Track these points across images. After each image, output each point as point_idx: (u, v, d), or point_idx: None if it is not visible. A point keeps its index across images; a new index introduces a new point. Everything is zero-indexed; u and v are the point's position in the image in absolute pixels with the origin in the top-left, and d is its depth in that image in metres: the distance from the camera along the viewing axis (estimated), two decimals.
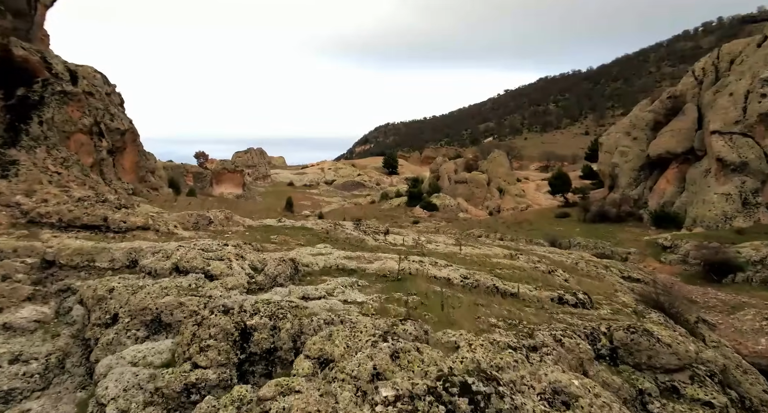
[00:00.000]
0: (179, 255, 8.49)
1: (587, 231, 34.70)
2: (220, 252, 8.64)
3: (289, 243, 12.48)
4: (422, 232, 39.53)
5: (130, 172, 39.43)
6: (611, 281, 16.66)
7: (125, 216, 11.37)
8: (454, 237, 20.71)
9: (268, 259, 8.93)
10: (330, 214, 66.36)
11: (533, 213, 43.78)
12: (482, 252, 16.62)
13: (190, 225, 13.52)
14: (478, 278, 10.41)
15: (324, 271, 10.02)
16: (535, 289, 10.43)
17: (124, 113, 29.37)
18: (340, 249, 12.60)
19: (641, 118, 36.77)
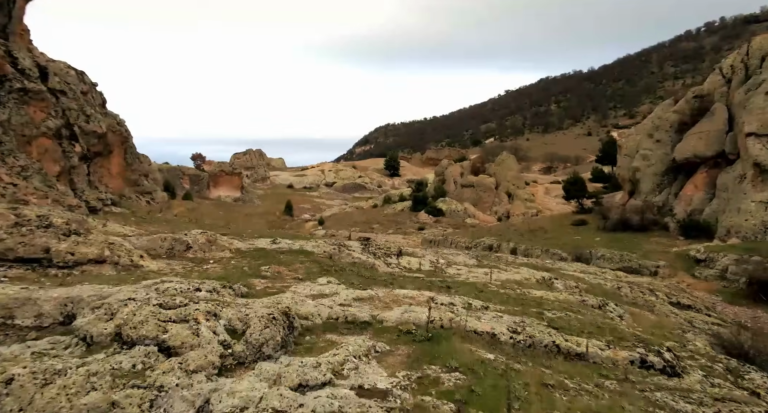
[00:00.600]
0: (125, 316, 5.99)
1: (609, 241, 32.17)
2: (184, 311, 6.13)
3: (283, 277, 9.98)
4: (435, 244, 36.86)
5: (118, 177, 36.90)
6: (664, 311, 14.14)
7: (74, 245, 8.87)
8: (474, 257, 18.19)
9: (252, 315, 6.44)
10: (331, 219, 63.85)
11: (547, 220, 41.26)
12: (513, 277, 14.13)
13: (163, 252, 11.02)
14: (531, 331, 7.89)
15: (328, 326, 7.50)
16: (606, 345, 7.91)
17: (105, 114, 26.84)
18: (348, 284, 10.08)
19: (665, 119, 34.32)
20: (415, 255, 15.36)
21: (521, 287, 12.58)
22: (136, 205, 29.35)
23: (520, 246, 34.71)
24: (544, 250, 33.09)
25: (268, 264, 10.95)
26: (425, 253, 15.90)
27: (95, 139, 21.54)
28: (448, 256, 16.50)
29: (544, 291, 12.20)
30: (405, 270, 13.31)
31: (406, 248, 15.95)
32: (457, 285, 11.67)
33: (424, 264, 14.29)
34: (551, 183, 68.02)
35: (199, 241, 11.37)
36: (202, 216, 59.68)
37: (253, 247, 12.63)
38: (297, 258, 11.97)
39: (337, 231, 50.98)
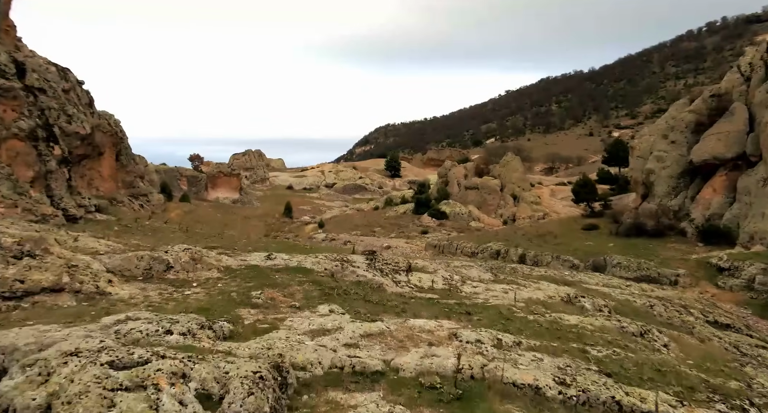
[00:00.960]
0: (62, 381, 4.49)
1: (623, 247, 30.65)
2: (142, 373, 4.61)
3: (278, 305, 8.46)
4: (440, 250, 35.12)
5: (109, 179, 35.41)
6: (705, 334, 12.61)
7: (25, 271, 7.37)
8: (488, 269, 16.67)
9: (233, 375, 4.93)
10: (331, 222, 62.31)
11: (555, 224, 39.74)
12: (536, 295, 12.62)
13: (139, 273, 9.50)
14: (583, 382, 6.36)
15: (331, 378, 5.98)
16: (677, 400, 6.39)
17: (93, 114, 25.31)
18: (353, 314, 8.55)
19: (680, 120, 32.82)
20: (426, 270, 13.84)
21: (549, 310, 11.06)
22: (125, 210, 27.83)
23: (529, 252, 33.19)
24: (555, 257, 31.58)
25: (260, 287, 9.43)
26: (437, 268, 14.37)
27: (78, 141, 20.04)
28: (461, 270, 14.97)
29: (576, 316, 10.67)
30: (416, 290, 11.79)
31: (415, 262, 14.42)
32: (478, 310, 10.15)
33: (436, 281, 12.77)
34: (557, 184, 66.53)
35: (181, 260, 9.84)
36: (199, 220, 58.15)
37: (245, 264, 11.11)
38: (294, 278, 10.45)
39: (337, 234, 49.45)
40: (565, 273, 18.60)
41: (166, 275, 9.65)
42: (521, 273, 17.25)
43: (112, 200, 32.68)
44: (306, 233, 55.32)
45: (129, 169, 60.58)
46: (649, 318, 13.15)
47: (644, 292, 17.23)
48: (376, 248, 43.08)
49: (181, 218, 58.63)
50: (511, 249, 34.49)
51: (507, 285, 13.95)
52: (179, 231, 18.06)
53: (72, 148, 19.39)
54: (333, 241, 45.86)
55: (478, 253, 36.36)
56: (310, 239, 49.60)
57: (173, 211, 60.90)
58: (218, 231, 23.60)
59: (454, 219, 50.31)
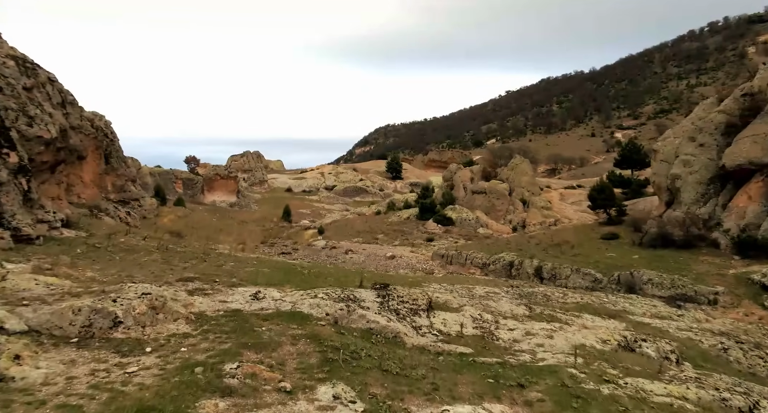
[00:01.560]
0: None
1: (649, 259, 28.11)
2: None
3: (259, 388, 5.87)
4: (448, 260, 32.09)
5: (92, 185, 32.83)
6: None
7: None
8: (516, 296, 14.12)
9: None
10: (331, 227, 59.71)
11: (570, 232, 37.18)
12: (589, 341, 10.08)
13: (74, 332, 6.97)
14: None
15: None
16: None
17: (66, 115, 22.71)
18: (367, 400, 5.99)
19: (709, 121, 30.34)
20: (449, 306, 11.30)
21: (619, 371, 8.52)
22: (105, 221, 25.29)
23: (545, 265, 30.64)
24: (575, 270, 29.02)
25: (239, 351, 6.88)
26: (461, 302, 11.83)
27: (42, 146, 17.45)
28: (489, 304, 12.42)
29: (661, 384, 8.09)
30: (443, 339, 9.24)
31: (435, 295, 11.86)
32: (531, 378, 7.60)
33: (465, 323, 10.22)
34: (566, 188, 63.99)
35: (135, 311, 7.30)
36: (193, 225, 55.53)
37: (224, 310, 8.58)
38: (287, 331, 7.92)
39: (338, 242, 46.91)
40: (604, 301, 16.04)
41: (112, 333, 7.11)
42: (555, 301, 14.68)
43: (93, 209, 30.10)
44: (305, 239, 52.78)
45: (120, 172, 57.94)
46: (727, 367, 10.59)
47: (699, 324, 14.67)
48: (379, 257, 40.65)
49: (174, 223, 56.05)
50: (526, 261, 31.93)
51: (547, 323, 11.42)
52: (157, 251, 15.48)
53: (34, 154, 16.83)
54: (333, 249, 43.32)
55: (490, 265, 33.82)
56: (310, 246, 47.05)
57: (166, 216, 58.33)
58: (207, 245, 21.02)
59: (461, 225, 47.77)
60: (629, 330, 11.99)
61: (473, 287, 15.35)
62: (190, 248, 17.61)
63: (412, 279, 15.46)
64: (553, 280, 29.72)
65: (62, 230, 16.78)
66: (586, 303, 14.91)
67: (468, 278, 19.91)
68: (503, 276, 32.88)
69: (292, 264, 16.23)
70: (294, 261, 21.20)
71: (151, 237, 18.90)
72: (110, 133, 58.14)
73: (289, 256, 41.22)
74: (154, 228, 49.02)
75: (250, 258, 18.21)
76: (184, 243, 20.57)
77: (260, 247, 46.91)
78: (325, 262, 38.77)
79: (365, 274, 15.34)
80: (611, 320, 13.00)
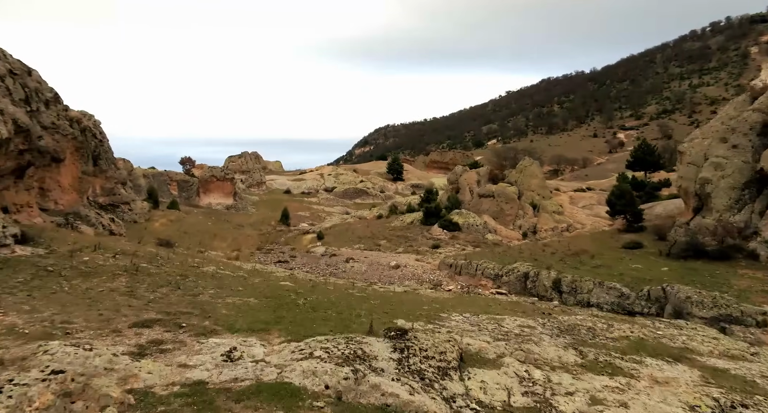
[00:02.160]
0: None
1: (681, 272, 25.60)
2: None
3: None
4: (457, 270, 29.12)
5: (70, 190, 30.24)
6: None
7: None
8: (559, 334, 11.61)
9: None
10: (331, 232, 57.12)
11: (587, 240, 34.67)
12: (673, 411, 7.61)
13: None
14: None
15: None
16: None
17: (32, 113, 20.13)
18: None
19: (742, 120, 27.93)
20: (485, 357, 8.77)
21: None
22: (69, 234, 22.72)
23: (564, 277, 28.13)
24: (598, 283, 26.50)
25: None
26: (498, 350, 9.29)
27: None
28: (530, 348, 9.90)
29: None
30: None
31: (466, 346, 9.30)
32: None
33: (511, 387, 7.68)
34: (575, 191, 61.46)
35: (32, 406, 4.78)
36: (186, 230, 52.95)
37: (181, 383, 6.05)
38: None
39: (338, 248, 44.39)
40: (657, 334, 13.48)
41: None
42: (602, 336, 12.16)
43: (71, 216, 27.55)
44: (303, 245, 50.25)
45: (109, 174, 55.26)
46: None
47: None
48: (382, 266, 38.03)
49: (165, 228, 53.43)
50: (543, 273, 29.42)
51: (609, 377, 8.96)
52: (124, 273, 12.95)
53: None
54: (333, 257, 40.78)
55: (503, 276, 31.29)
56: (308, 253, 44.49)
57: (158, 220, 55.74)
58: (192, 261, 18.52)
59: (468, 231, 45.23)
60: (711, 384, 9.50)
61: (502, 319, 12.77)
62: (167, 267, 15.02)
63: (427, 308, 12.88)
64: (574, 294, 27.20)
65: (15, 247, 14.19)
66: (639, 339, 12.38)
67: (489, 302, 17.36)
68: (518, 288, 30.36)
69: (285, 289, 13.66)
70: (287, 278, 18.74)
71: (125, 254, 16.32)
72: (99, 133, 55.44)
73: (287, 265, 38.65)
74: (144, 233, 46.43)
75: (237, 278, 15.62)
76: (168, 256, 17.99)
77: (256, 254, 44.35)
78: (324, 272, 36.21)
79: (373, 303, 12.81)
80: (679, 365, 10.51)
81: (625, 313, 24.72)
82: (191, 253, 33.57)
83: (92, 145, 52.50)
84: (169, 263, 16.58)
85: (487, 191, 48.06)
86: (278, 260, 39.87)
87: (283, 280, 16.66)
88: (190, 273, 14.99)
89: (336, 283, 19.23)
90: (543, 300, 28.43)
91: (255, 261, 40.93)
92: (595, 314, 15.82)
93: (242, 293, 12.56)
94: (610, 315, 17.01)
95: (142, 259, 16.35)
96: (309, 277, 26.57)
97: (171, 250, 27.78)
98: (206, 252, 42.21)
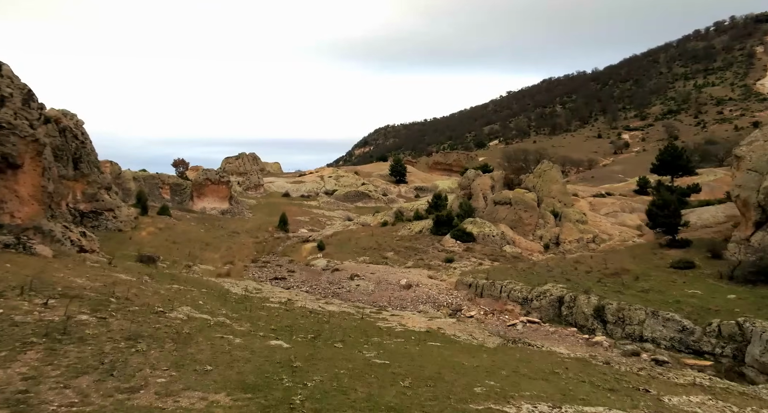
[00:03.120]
0: None
1: (754, 301, 21.50)
2: None
3: None
4: (478, 292, 24.11)
5: (31, 201, 25.93)
6: None
7: None
8: None
9: None
10: (333, 241, 52.84)
11: (626, 256, 30.54)
12: None
13: None
14: None
15: None
16: None
17: None
18: None
19: None
20: None
21: None
22: (13, 261, 18.60)
23: (608, 304, 23.97)
24: (650, 313, 22.36)
25: None
26: None
27: None
28: None
29: None
30: None
31: None
32: None
33: None
34: (594, 196, 57.32)
35: None
36: (175, 239, 48.67)
37: None
38: None
39: (341, 261, 40.25)
40: None
41: None
42: None
43: (27, 232, 23.33)
44: (303, 257, 46.07)
45: (91, 179, 50.80)
46: None
47: None
48: (391, 284, 33.79)
49: (152, 238, 49.09)
50: (580, 298, 25.27)
51: None
52: (45, 339, 8.91)
53: None
54: (336, 272, 36.60)
55: (533, 300, 27.14)
56: (308, 267, 40.30)
57: (145, 229, 51.47)
58: (151, 307, 14.16)
59: (484, 242, 41.09)
60: None
61: None
62: (118, 318, 10.92)
63: (481, 391, 8.71)
64: (621, 325, 23.04)
65: None
66: None
67: (549, 360, 13.19)
68: (551, 315, 26.19)
69: (277, 361, 9.39)
70: (282, 325, 14.46)
71: (65, 296, 12.19)
72: (81, 134, 51.03)
73: (284, 283, 34.45)
74: (126, 245, 42.19)
75: (212, 338, 11.44)
76: (127, 294, 13.84)
77: (250, 268, 40.11)
78: (326, 291, 32.02)
79: (403, 386, 8.69)
80: None
81: (689, 353, 20.68)
82: (175, 271, 29.26)
83: (73, 147, 48.24)
84: (122, 309, 12.38)
85: (503, 198, 43.89)
86: (275, 277, 35.68)
87: (276, 337, 12.40)
88: (145, 331, 10.79)
89: (345, 333, 15.01)
90: (583, 330, 24.36)
91: (249, 276, 36.71)
92: (713, 394, 11.55)
93: (210, 378, 8.36)
94: (722, 385, 12.76)
95: (87, 305, 12.17)
96: (309, 308, 22.38)
97: (151, 270, 23.32)
98: (194, 267, 37.95)
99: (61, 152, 46.67)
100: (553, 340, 22.71)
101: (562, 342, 22.32)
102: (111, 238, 43.48)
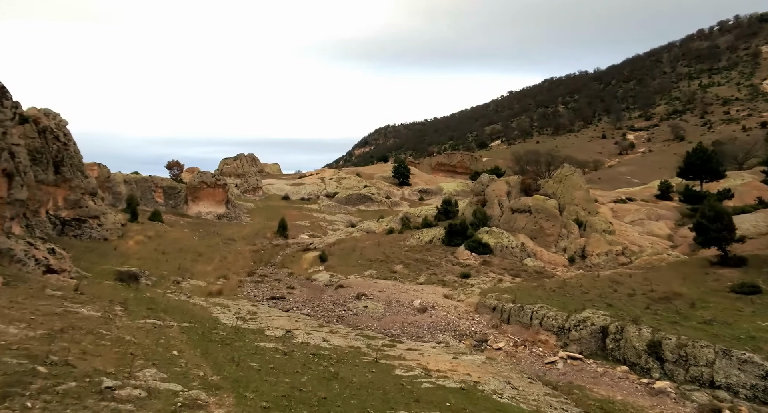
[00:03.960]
0: None
1: None
2: None
3: None
4: (503, 318, 20.14)
5: None
6: None
7: None
8: None
9: None
10: (335, 251, 49.04)
11: (673, 275, 26.84)
12: None
13: None
14: None
15: None
16: None
17: None
18: None
19: None
20: None
21: None
22: None
23: (666, 339, 20.22)
24: (721, 353, 18.62)
25: None
26: None
27: None
28: None
29: None
30: None
31: None
32: None
33: None
34: (614, 201, 53.60)
35: None
36: (165, 249, 44.78)
37: None
38: None
39: (346, 276, 36.54)
40: None
41: None
42: None
43: None
44: (303, 268, 42.28)
45: (74, 183, 46.68)
46: None
47: None
48: (403, 306, 30.05)
49: (141, 248, 45.10)
50: (629, 329, 21.51)
51: None
52: None
53: None
54: (341, 289, 32.85)
55: (570, 330, 23.38)
56: (310, 282, 36.54)
57: (134, 237, 47.54)
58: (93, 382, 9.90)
59: (502, 254, 37.38)
60: None
61: None
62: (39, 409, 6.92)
63: None
64: (684, 366, 19.33)
65: None
66: None
67: None
68: (593, 348, 22.44)
69: None
70: (279, 381, 10.21)
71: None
72: (63, 135, 47.03)
73: (283, 303, 30.71)
74: (109, 258, 38.36)
75: None
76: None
77: (245, 284, 36.31)
78: (331, 314, 28.30)
79: None
80: None
81: None
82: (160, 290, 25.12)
83: (54, 149, 44.30)
84: (47, 391, 8.63)
85: (522, 205, 40.14)
86: (272, 296, 31.93)
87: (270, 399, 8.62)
88: None
89: (361, 400, 11.24)
90: (635, 370, 20.73)
91: (243, 295, 32.99)
92: None
93: None
94: None
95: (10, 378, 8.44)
96: (312, 345, 18.66)
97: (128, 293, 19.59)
98: (183, 283, 34.16)
99: (40, 155, 42.71)
100: (604, 384, 19.05)
101: (616, 387, 18.67)
102: (93, 250, 39.64)
